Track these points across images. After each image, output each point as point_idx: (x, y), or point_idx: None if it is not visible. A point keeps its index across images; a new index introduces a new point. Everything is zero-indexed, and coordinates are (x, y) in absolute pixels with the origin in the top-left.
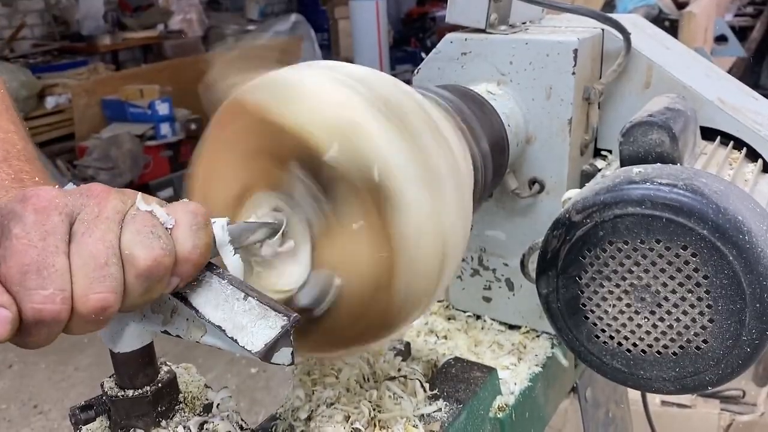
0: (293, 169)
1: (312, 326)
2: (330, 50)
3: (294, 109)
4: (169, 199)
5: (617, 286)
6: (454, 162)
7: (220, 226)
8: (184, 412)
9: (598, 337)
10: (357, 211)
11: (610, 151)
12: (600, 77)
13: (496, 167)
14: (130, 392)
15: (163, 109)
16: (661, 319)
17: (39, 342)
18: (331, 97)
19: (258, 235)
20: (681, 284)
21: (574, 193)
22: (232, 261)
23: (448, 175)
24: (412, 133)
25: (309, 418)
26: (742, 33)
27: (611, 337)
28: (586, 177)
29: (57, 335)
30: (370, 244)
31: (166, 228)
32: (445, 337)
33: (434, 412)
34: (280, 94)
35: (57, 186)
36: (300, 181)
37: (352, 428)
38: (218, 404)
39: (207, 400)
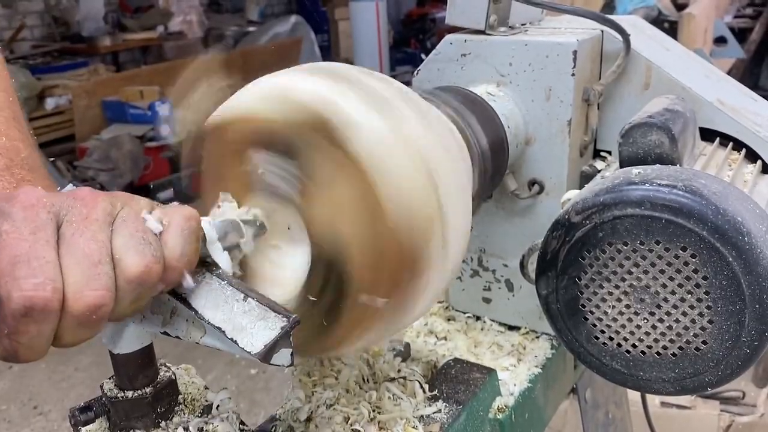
0: (253, 157)
1: (343, 304)
2: (330, 51)
3: (239, 99)
4: (169, 200)
5: (617, 287)
6: (412, 98)
7: (207, 223)
8: (184, 414)
9: (597, 338)
10: (317, 156)
11: (609, 152)
12: (599, 78)
13: (496, 168)
14: (129, 393)
15: (163, 110)
16: (661, 320)
17: (27, 344)
18: (270, 78)
19: (246, 231)
20: (680, 285)
21: (573, 194)
22: (221, 259)
23: (403, 101)
24: (352, 80)
25: (308, 419)
26: (741, 34)
27: (611, 338)
28: (585, 178)
29: (46, 340)
30: (344, 180)
31: (155, 234)
32: (445, 338)
33: (434, 413)
34: (233, 97)
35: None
36: (263, 163)
37: (352, 429)
38: (218, 405)
39: (206, 401)
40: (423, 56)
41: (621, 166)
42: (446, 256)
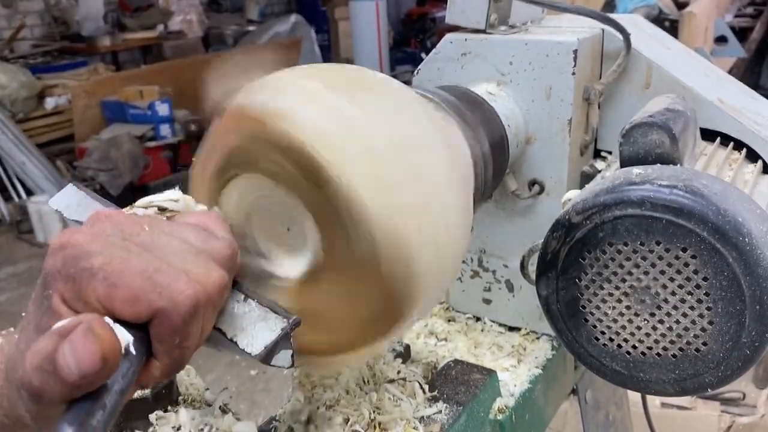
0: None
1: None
2: (330, 51)
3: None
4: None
5: (617, 288)
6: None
7: None
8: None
9: (597, 339)
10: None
11: (610, 152)
12: (600, 77)
13: (496, 168)
14: None
15: (162, 110)
16: (661, 321)
17: (191, 347)
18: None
19: None
20: (681, 286)
21: (573, 194)
22: None
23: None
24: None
25: (308, 421)
26: (742, 33)
27: (611, 339)
28: (586, 178)
29: (200, 337)
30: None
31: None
32: (445, 339)
33: (434, 414)
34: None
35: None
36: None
37: (352, 430)
38: (219, 406)
39: (207, 403)
40: (423, 56)
41: (621, 166)
42: (437, 251)
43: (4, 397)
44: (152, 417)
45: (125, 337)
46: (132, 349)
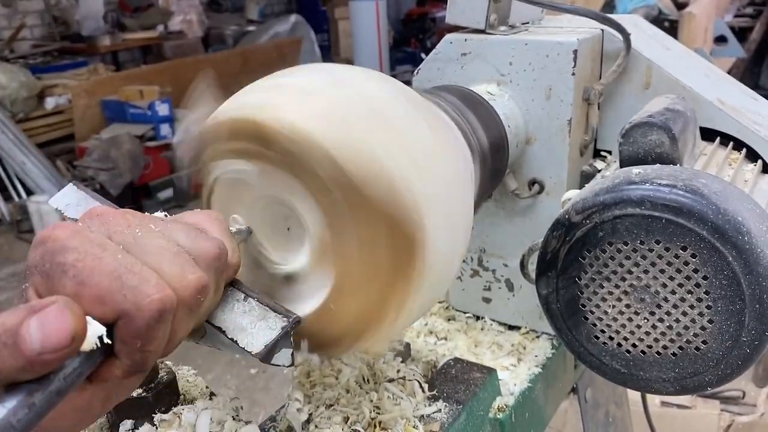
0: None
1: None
2: (330, 51)
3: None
4: (169, 200)
5: (617, 286)
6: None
7: None
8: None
9: (597, 337)
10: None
11: (609, 152)
12: (600, 78)
13: (496, 168)
14: None
15: (163, 109)
16: (661, 320)
17: (155, 351)
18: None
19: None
20: (680, 285)
21: (573, 194)
22: None
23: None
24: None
25: (308, 420)
26: (741, 34)
27: (611, 338)
28: (585, 178)
29: (166, 341)
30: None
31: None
32: (445, 338)
33: (434, 412)
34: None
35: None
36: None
37: (352, 429)
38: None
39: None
40: (423, 56)
41: (621, 166)
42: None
43: None
44: (156, 419)
45: (98, 329)
46: (97, 343)
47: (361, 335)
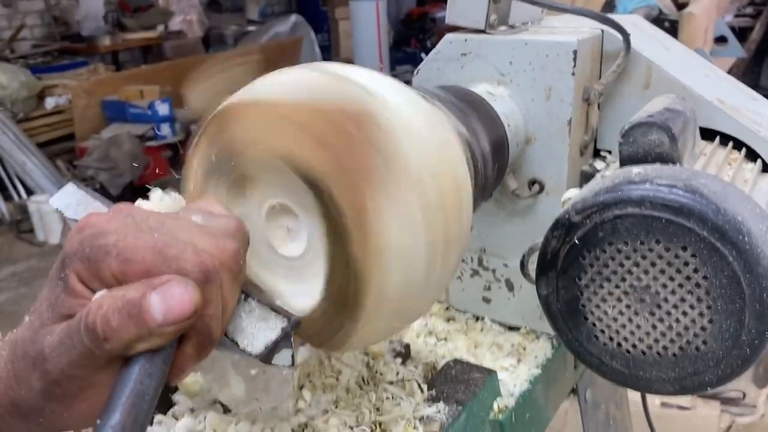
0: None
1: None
2: (330, 51)
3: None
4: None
5: (617, 287)
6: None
7: None
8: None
9: (597, 337)
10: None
11: (609, 152)
12: (600, 78)
13: (496, 168)
14: None
15: (163, 109)
16: (661, 320)
17: (215, 315)
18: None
19: None
20: (680, 285)
21: (573, 194)
22: None
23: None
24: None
25: (309, 420)
26: (741, 34)
27: (611, 338)
28: (585, 177)
29: (221, 308)
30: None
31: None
32: (445, 339)
33: (434, 413)
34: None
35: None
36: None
37: (352, 430)
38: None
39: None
40: (423, 55)
41: (621, 166)
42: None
43: (1, 381)
44: (155, 419)
45: None
46: None
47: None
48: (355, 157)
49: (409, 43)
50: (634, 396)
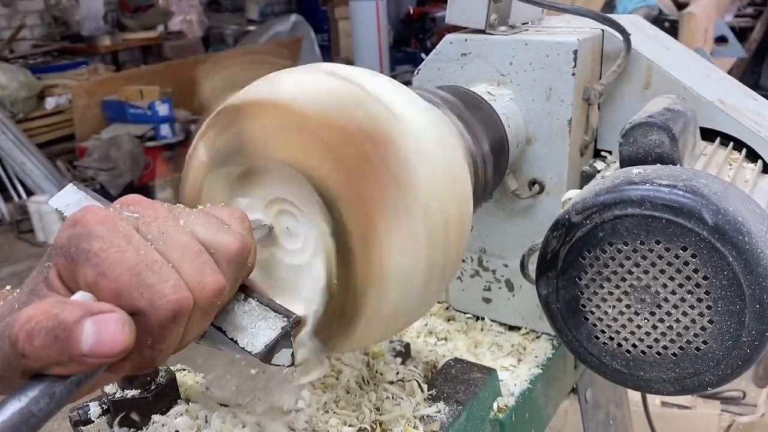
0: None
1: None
2: (330, 51)
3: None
4: (169, 201)
5: (617, 287)
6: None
7: None
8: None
9: (597, 338)
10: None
11: (609, 152)
12: (600, 78)
13: (497, 168)
14: (129, 393)
15: (163, 110)
16: (661, 320)
17: (166, 350)
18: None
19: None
20: (681, 285)
21: (573, 194)
22: None
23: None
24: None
25: (309, 420)
26: (742, 34)
27: (611, 338)
28: (585, 178)
29: (178, 340)
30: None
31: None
32: (445, 339)
33: (434, 413)
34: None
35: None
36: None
37: (351, 430)
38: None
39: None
40: (423, 56)
41: (621, 166)
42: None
43: None
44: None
45: None
46: None
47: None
48: (371, 183)
49: (409, 43)
50: (634, 396)
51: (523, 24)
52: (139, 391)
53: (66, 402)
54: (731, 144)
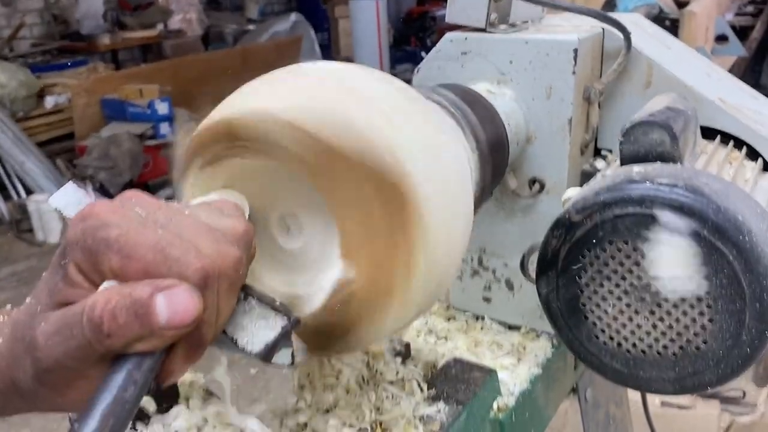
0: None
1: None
2: (330, 50)
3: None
4: (169, 199)
5: (617, 285)
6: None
7: None
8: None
9: (597, 337)
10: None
11: (610, 151)
12: (600, 77)
13: (497, 167)
14: None
15: (162, 108)
16: (661, 319)
17: (209, 322)
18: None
19: None
20: None
21: (574, 193)
22: None
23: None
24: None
25: (309, 420)
26: (742, 32)
27: (611, 338)
28: (586, 177)
29: (216, 314)
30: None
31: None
32: (445, 338)
33: (434, 412)
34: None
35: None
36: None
37: (351, 430)
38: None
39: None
40: (423, 54)
41: (622, 165)
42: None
43: (3, 358)
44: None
45: None
46: None
47: (377, 303)
48: (377, 233)
49: (409, 41)
50: (634, 395)
51: (523, 22)
52: None
53: (149, 384)
54: (731, 142)
